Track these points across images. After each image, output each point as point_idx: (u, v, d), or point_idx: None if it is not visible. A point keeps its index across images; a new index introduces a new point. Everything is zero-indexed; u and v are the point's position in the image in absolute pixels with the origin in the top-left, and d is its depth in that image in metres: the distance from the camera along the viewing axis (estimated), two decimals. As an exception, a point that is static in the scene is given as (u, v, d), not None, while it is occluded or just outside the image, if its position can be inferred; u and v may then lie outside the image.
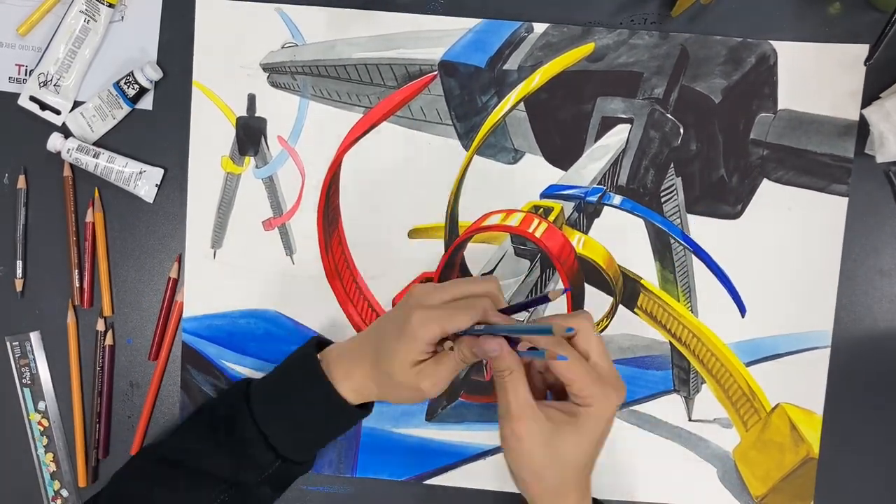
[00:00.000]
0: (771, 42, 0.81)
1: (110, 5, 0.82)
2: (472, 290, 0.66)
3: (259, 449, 0.70)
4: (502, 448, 0.64)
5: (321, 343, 0.74)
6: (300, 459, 0.73)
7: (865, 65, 0.78)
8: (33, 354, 0.86)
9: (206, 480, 0.71)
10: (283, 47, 0.83)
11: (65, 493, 0.86)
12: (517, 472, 0.64)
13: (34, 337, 0.86)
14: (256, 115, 0.84)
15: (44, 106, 0.83)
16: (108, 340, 0.85)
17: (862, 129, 0.80)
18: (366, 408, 0.72)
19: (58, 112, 0.83)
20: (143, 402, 0.86)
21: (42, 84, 0.82)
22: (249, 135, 0.84)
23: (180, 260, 0.85)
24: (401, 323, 0.65)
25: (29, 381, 0.86)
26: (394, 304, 0.84)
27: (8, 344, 0.86)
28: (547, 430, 0.62)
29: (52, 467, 0.86)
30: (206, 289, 0.85)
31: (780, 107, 0.81)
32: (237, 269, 0.85)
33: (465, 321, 0.63)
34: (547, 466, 0.62)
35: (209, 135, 0.84)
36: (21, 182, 0.84)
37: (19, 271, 0.85)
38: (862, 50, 0.80)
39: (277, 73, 0.83)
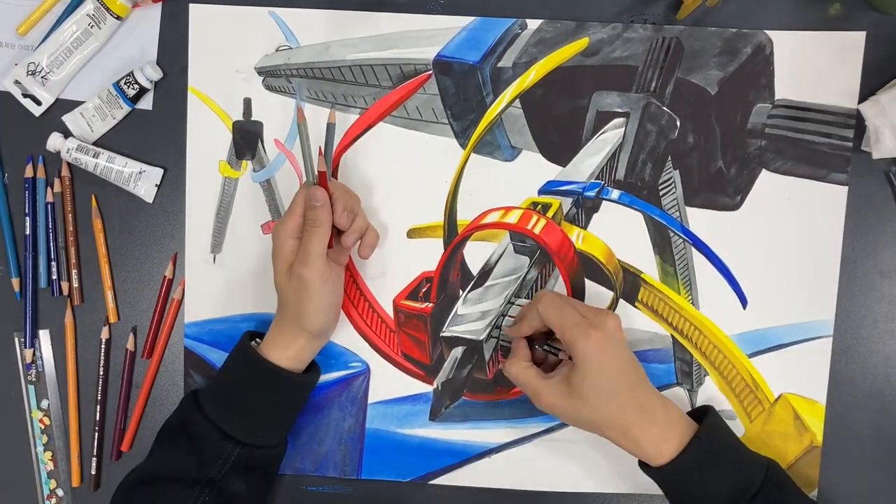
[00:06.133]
0: (766, 32, 0.81)
1: (118, 17, 0.82)
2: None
3: (215, 439, 0.74)
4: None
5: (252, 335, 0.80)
6: (262, 443, 0.76)
7: None
8: (41, 352, 0.86)
9: (177, 488, 0.73)
10: (277, 50, 0.83)
11: (60, 492, 0.86)
12: (579, 427, 0.74)
13: (43, 335, 0.86)
14: (253, 118, 0.84)
15: (25, 94, 0.83)
16: (106, 336, 0.85)
17: (860, 123, 0.80)
18: (312, 373, 0.79)
19: (39, 103, 0.84)
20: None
21: (30, 73, 0.83)
22: (246, 139, 0.84)
23: (175, 259, 0.85)
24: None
25: (34, 379, 0.86)
26: (394, 305, 0.84)
27: (16, 340, 0.86)
28: (560, 388, 0.71)
29: (50, 466, 0.85)
30: (206, 294, 0.85)
31: (777, 96, 0.81)
32: (237, 273, 0.85)
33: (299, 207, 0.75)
34: (584, 410, 0.71)
35: (206, 140, 0.84)
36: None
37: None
38: (858, 37, 0.80)
39: (272, 76, 0.84)
